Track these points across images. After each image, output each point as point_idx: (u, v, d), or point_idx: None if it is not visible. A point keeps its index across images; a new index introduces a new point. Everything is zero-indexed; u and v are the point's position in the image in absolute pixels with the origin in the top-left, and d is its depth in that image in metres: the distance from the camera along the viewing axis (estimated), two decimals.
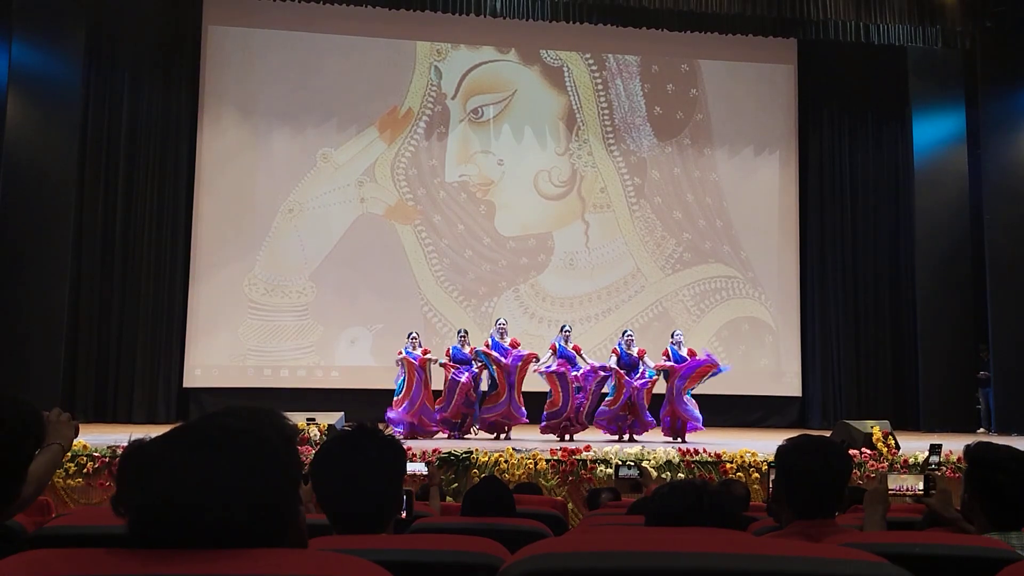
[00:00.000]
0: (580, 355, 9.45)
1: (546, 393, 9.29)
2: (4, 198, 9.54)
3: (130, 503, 0.98)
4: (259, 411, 1.06)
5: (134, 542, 0.98)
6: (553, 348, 9.48)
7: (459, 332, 9.69)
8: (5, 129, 9.48)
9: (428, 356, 9.28)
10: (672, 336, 9.79)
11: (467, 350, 9.36)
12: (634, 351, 9.40)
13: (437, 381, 9.33)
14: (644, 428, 9.29)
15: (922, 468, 4.18)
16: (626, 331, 9.78)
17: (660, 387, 9.47)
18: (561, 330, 9.63)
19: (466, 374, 9.12)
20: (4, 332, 9.61)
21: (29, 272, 10.00)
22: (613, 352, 9.51)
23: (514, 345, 9.33)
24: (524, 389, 9.28)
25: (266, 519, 0.99)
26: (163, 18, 11.28)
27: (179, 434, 1.02)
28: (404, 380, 9.13)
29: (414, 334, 9.42)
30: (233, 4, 11.07)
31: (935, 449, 4.81)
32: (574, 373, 9.24)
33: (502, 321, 9.61)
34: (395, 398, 9.17)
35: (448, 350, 9.47)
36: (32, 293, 10.02)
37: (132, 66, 11.28)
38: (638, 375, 9.28)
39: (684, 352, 9.49)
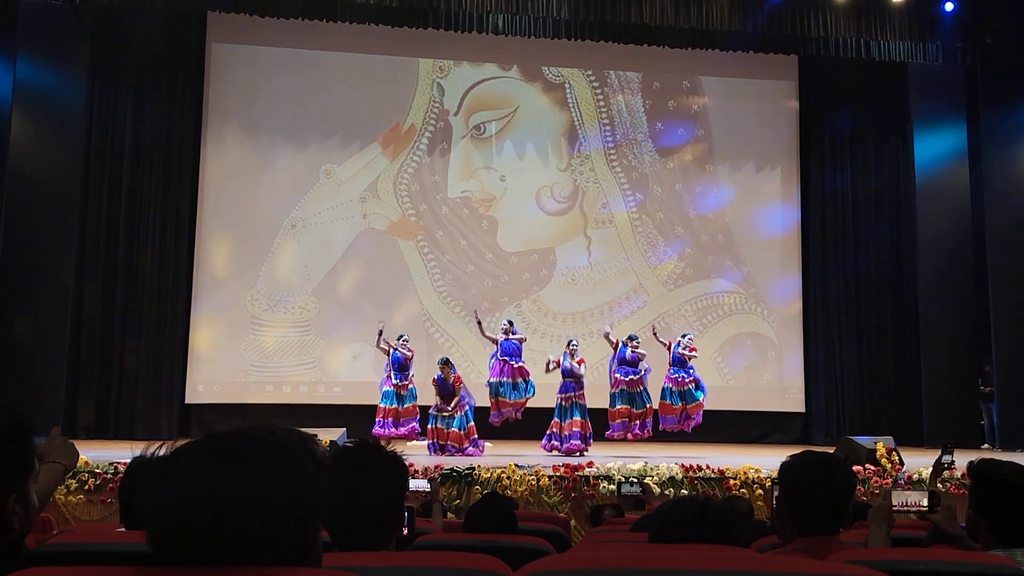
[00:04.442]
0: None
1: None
2: (8, 214, 9.56)
3: (151, 512, 0.97)
4: (292, 431, 1.05)
5: (154, 554, 0.96)
6: (557, 362, 9.55)
7: (440, 361, 9.68)
8: (9, 145, 9.52)
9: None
10: (683, 337, 10.17)
11: (451, 379, 9.38)
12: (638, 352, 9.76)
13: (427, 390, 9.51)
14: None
15: (935, 466, 4.19)
16: (633, 336, 9.95)
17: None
18: (568, 345, 9.73)
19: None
20: (7, 346, 9.62)
21: (32, 287, 10.03)
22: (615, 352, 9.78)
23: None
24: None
25: (288, 536, 0.98)
26: (167, 36, 11.33)
27: (208, 443, 1.01)
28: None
29: (404, 336, 9.67)
30: (236, 22, 11.12)
31: (947, 448, 4.81)
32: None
33: (505, 324, 9.81)
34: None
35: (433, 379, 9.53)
36: (35, 308, 10.04)
37: (136, 83, 11.34)
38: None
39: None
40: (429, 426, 9.24)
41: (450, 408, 9.16)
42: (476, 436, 9.29)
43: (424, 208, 11.93)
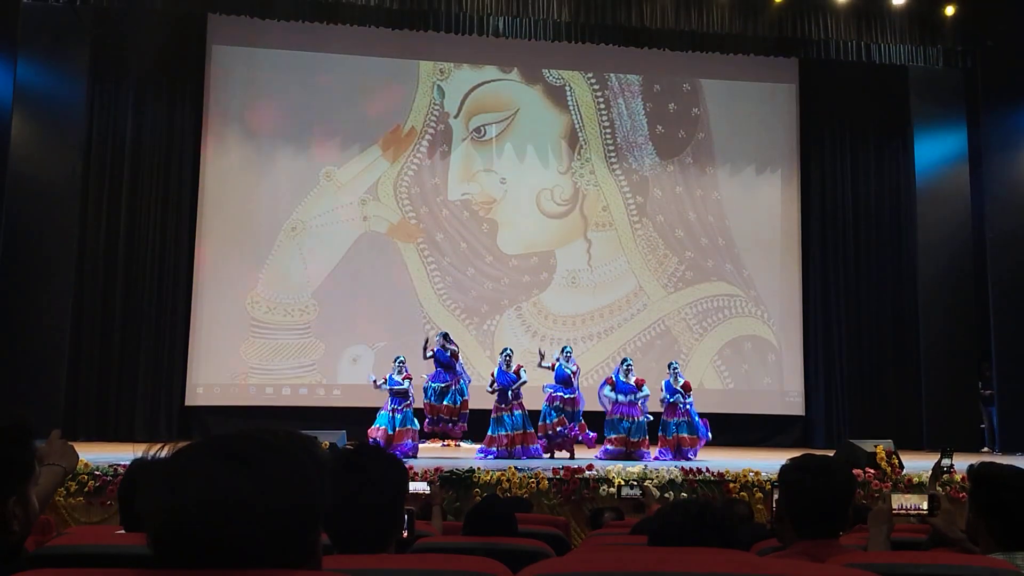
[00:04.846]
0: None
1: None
2: (8, 216, 9.57)
3: (151, 514, 0.96)
4: (292, 434, 1.05)
5: (155, 555, 0.96)
6: (553, 365, 9.48)
7: (439, 335, 9.65)
8: (10, 147, 9.53)
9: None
10: (669, 367, 9.64)
11: (449, 351, 9.42)
12: (631, 380, 9.28)
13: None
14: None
15: (935, 470, 4.19)
16: (626, 360, 9.61)
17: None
18: (562, 351, 9.57)
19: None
20: (7, 349, 9.62)
21: (32, 289, 10.03)
22: (608, 382, 9.39)
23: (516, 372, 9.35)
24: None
25: (289, 539, 0.98)
26: (167, 37, 11.33)
27: (209, 445, 1.00)
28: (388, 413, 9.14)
29: (401, 359, 9.44)
30: (237, 24, 11.13)
31: (947, 452, 4.82)
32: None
33: (508, 351, 9.53)
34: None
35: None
36: (35, 310, 10.04)
37: (136, 85, 11.35)
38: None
39: (679, 384, 9.35)
40: (423, 400, 9.32)
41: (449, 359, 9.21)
42: (467, 412, 9.34)
43: (424, 211, 11.94)
